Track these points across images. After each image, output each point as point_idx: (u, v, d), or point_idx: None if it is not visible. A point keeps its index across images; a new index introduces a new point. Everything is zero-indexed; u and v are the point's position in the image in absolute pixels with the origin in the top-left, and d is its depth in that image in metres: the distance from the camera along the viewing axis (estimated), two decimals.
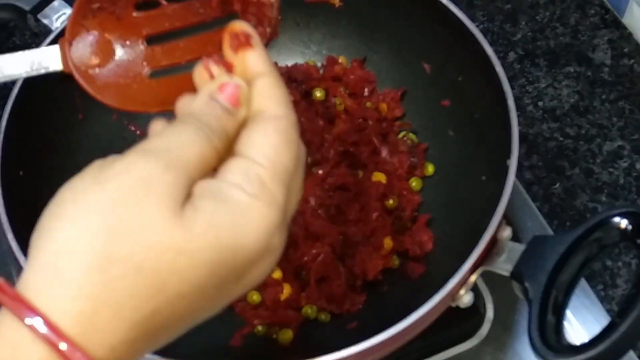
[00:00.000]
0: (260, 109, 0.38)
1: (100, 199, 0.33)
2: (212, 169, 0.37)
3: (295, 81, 0.74)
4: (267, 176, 0.36)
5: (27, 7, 0.71)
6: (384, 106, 0.74)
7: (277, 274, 0.66)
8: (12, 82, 0.66)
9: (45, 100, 0.68)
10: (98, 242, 0.32)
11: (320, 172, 0.69)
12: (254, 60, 0.40)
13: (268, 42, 0.44)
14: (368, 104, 0.74)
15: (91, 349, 0.32)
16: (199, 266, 0.33)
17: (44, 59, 0.46)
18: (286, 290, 0.66)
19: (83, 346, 0.31)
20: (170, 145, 0.35)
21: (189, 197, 0.35)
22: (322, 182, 0.68)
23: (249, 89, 0.39)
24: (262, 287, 0.66)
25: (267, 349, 0.65)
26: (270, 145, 0.37)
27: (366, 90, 0.75)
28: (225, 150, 0.37)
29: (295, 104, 0.72)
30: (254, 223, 0.35)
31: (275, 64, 0.76)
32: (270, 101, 0.38)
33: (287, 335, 0.65)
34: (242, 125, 0.38)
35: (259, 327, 0.65)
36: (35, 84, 0.66)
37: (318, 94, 0.73)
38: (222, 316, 0.66)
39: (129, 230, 0.32)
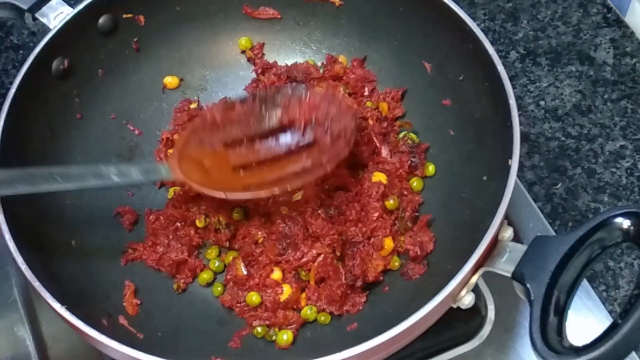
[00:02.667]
0: None
1: None
2: None
3: (295, 80, 0.73)
4: None
5: (25, 6, 0.70)
6: (384, 105, 0.73)
7: (277, 275, 0.66)
8: (10, 82, 0.66)
9: (44, 100, 0.68)
10: None
11: None
12: None
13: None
14: (368, 103, 0.74)
15: None
16: None
17: (157, 171, 0.68)
18: (286, 291, 0.65)
19: None
20: None
21: None
22: (322, 182, 0.68)
23: None
24: (261, 288, 0.66)
25: (266, 351, 0.65)
26: None
27: (366, 89, 0.75)
28: None
29: None
30: None
31: (275, 63, 0.76)
32: None
33: (286, 336, 0.64)
34: None
35: (258, 329, 0.65)
36: (33, 85, 0.67)
37: None
38: (220, 318, 0.67)
39: None
